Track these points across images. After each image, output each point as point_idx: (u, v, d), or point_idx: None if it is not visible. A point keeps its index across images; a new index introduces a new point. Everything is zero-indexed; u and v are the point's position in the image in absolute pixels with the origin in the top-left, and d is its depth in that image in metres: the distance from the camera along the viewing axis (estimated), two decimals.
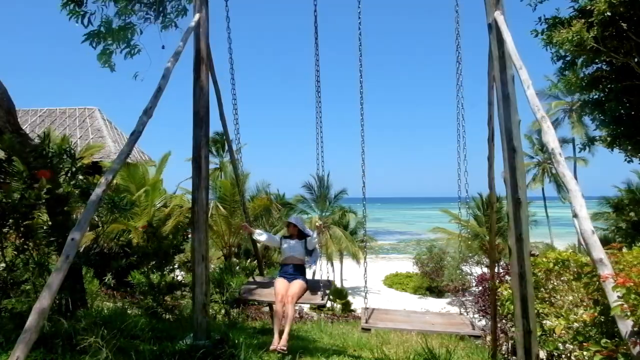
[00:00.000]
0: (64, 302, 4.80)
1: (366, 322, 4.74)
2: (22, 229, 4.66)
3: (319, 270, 5.94)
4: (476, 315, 10.14)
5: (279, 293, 5.25)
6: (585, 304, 4.55)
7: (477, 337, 5.22)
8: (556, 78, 13.93)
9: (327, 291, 5.49)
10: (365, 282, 5.41)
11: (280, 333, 4.92)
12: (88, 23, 5.84)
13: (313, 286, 5.59)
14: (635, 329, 2.65)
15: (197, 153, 4.96)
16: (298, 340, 6.25)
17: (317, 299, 5.31)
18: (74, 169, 5.08)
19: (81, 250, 5.08)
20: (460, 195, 4.98)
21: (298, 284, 5.36)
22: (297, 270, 5.55)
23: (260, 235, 6.06)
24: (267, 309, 10.83)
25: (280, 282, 5.44)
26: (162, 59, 4.61)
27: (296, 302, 5.28)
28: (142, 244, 6.88)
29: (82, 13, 5.71)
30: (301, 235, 5.77)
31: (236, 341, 4.97)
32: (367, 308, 5.25)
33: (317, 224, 5.74)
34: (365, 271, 5.42)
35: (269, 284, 5.96)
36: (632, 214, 19.94)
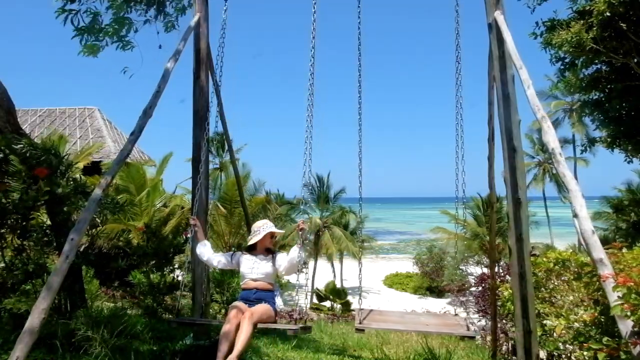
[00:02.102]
0: (64, 302, 4.80)
1: (360, 323, 4.72)
2: (26, 228, 4.66)
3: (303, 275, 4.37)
4: (476, 315, 10.15)
5: (234, 309, 3.91)
6: (585, 304, 4.55)
7: (471, 337, 5.19)
8: (556, 78, 13.94)
9: (304, 330, 4.16)
10: (360, 282, 5.33)
11: (227, 354, 3.54)
12: (78, 22, 5.71)
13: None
14: (636, 329, 2.65)
15: (197, 153, 4.97)
16: (298, 339, 6.25)
17: (290, 325, 4.27)
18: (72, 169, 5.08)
19: (81, 250, 5.07)
20: (458, 195, 4.97)
21: (262, 306, 4.02)
22: (262, 296, 4.17)
23: (203, 247, 4.46)
24: None
25: (238, 303, 4.10)
26: (158, 58, 4.60)
27: (256, 324, 3.84)
28: (142, 244, 6.88)
29: (69, 11, 5.51)
30: (270, 249, 4.43)
31: None
32: (362, 309, 5.23)
33: (300, 221, 4.37)
34: (360, 272, 5.31)
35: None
36: (632, 214, 19.94)
